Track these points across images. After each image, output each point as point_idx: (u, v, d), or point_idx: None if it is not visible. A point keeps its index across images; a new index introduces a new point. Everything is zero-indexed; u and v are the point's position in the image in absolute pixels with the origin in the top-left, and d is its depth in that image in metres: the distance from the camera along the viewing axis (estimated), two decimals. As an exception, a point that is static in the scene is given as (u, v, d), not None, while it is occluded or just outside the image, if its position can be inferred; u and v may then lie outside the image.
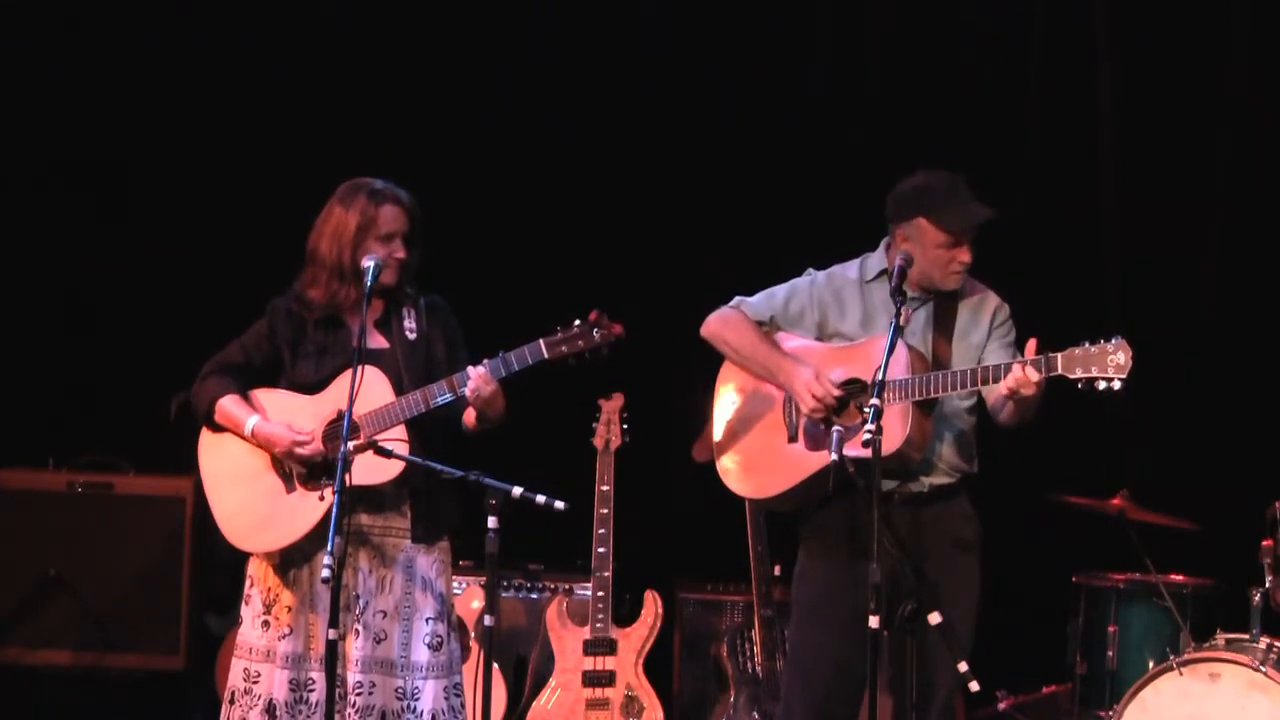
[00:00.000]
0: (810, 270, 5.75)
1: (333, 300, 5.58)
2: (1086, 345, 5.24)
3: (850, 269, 5.71)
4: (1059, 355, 5.26)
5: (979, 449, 5.65)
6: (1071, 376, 5.26)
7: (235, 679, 5.59)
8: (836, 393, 5.47)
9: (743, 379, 5.73)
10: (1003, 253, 5.90)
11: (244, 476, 5.59)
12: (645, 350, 5.75)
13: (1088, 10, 7.65)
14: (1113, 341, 5.22)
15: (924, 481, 5.53)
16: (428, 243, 5.69)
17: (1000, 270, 5.77)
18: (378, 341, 5.61)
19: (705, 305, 5.78)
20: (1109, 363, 5.22)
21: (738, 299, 5.75)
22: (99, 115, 7.95)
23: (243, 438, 5.56)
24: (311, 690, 5.52)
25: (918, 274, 5.56)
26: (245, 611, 5.61)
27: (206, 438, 5.66)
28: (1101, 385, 5.24)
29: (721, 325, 5.73)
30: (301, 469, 5.50)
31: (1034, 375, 5.24)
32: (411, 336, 5.64)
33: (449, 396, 5.43)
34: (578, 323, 5.41)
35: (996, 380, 5.34)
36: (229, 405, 5.56)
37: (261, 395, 5.59)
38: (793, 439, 5.61)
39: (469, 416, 5.53)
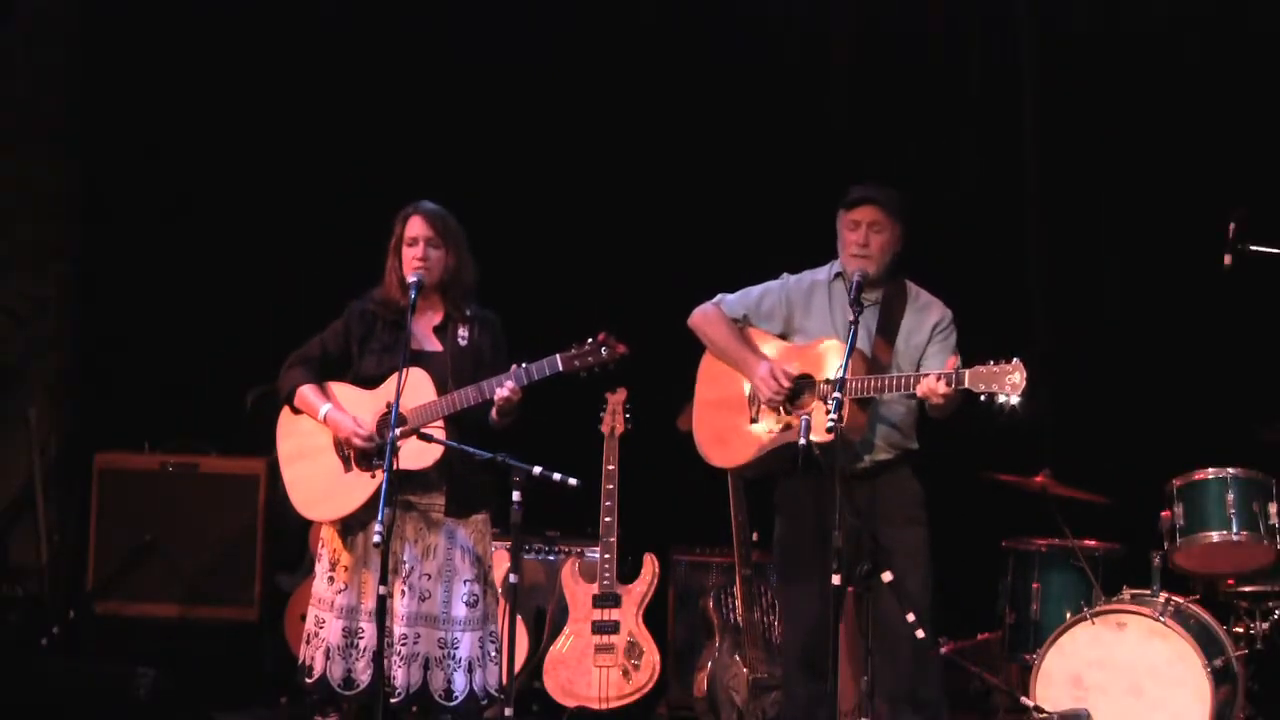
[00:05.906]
0: (785, 274, 6.04)
1: (390, 303, 5.82)
2: (991, 364, 5.42)
3: (820, 271, 6.00)
4: (967, 371, 5.47)
5: (921, 431, 5.90)
6: (975, 390, 5.47)
7: (310, 623, 5.89)
8: (788, 385, 5.76)
9: (719, 367, 6.02)
10: (941, 264, 6.22)
11: (310, 454, 5.88)
12: (646, 351, 5.92)
13: (1017, 49, 7.91)
14: (1011, 362, 5.40)
15: (866, 459, 5.81)
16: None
17: (939, 279, 6.06)
18: (433, 345, 5.84)
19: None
20: (1006, 382, 5.39)
21: (719, 296, 6.04)
22: (207, 135, 8.24)
23: (317, 420, 5.83)
24: (361, 638, 5.78)
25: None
26: (318, 567, 5.91)
27: (284, 419, 5.96)
28: (1000, 399, 5.40)
29: (702, 320, 6.02)
30: (367, 446, 5.74)
31: (941, 388, 5.47)
32: (463, 344, 5.84)
33: (479, 399, 5.70)
34: (589, 341, 5.64)
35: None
36: (307, 393, 5.83)
37: (331, 387, 5.90)
38: (754, 420, 5.90)
39: (493, 413, 5.78)
